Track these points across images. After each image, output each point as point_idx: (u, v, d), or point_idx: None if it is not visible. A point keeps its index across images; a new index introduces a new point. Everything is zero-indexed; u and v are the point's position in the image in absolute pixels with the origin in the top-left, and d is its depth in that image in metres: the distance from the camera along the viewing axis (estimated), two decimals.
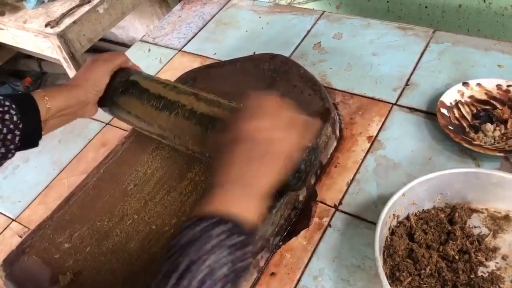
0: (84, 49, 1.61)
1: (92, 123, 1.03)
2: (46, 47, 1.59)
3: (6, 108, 0.69)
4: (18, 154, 0.93)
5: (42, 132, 0.74)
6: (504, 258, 0.68)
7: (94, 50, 2.35)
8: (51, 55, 1.62)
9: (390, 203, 0.69)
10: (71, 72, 1.63)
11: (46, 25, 1.55)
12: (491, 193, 0.72)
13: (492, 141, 0.81)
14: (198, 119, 0.74)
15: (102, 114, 1.05)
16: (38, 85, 2.65)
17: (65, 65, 1.62)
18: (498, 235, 0.70)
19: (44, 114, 0.73)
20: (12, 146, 0.70)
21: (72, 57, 1.58)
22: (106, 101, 0.83)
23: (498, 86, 0.87)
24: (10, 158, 0.72)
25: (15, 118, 0.69)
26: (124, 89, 0.82)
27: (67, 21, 1.55)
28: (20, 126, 0.70)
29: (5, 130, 0.68)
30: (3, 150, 0.69)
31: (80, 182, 0.85)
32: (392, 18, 1.41)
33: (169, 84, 0.82)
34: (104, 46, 2.55)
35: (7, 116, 0.68)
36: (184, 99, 0.77)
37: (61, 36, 1.52)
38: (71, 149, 0.99)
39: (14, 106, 0.70)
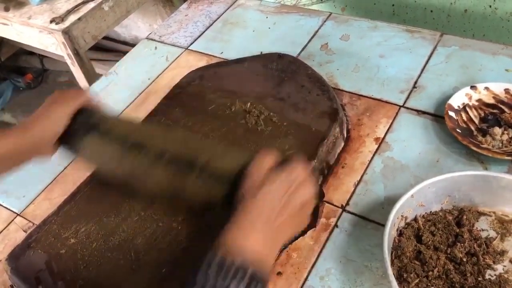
0: (88, 46, 1.61)
1: None
2: (51, 43, 1.59)
3: None
4: None
5: None
6: (511, 261, 0.68)
7: (97, 48, 2.36)
8: (55, 52, 1.62)
9: (398, 204, 0.69)
10: (75, 69, 1.63)
11: (51, 22, 1.54)
12: (499, 197, 0.72)
13: (500, 144, 0.81)
14: (165, 162, 0.68)
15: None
16: (40, 82, 2.65)
17: (69, 62, 1.62)
18: (505, 239, 0.70)
19: None
20: None
21: (76, 54, 1.58)
22: (67, 143, 0.76)
23: (506, 90, 0.87)
24: None
25: None
26: (85, 132, 0.74)
27: (72, 18, 1.54)
28: None
29: None
30: None
31: (86, 177, 0.85)
32: (397, 21, 1.41)
33: (132, 126, 0.77)
34: (107, 45, 2.55)
35: None
36: (150, 143, 0.71)
37: (66, 32, 1.52)
38: None
39: None
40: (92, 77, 1.64)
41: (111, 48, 2.58)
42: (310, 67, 0.96)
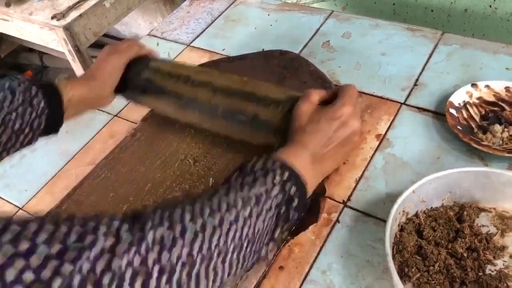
0: (89, 43, 1.62)
1: (100, 114, 1.03)
2: (52, 39, 1.59)
3: (34, 93, 0.71)
4: None
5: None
6: None
7: (98, 45, 2.36)
8: (56, 48, 1.62)
9: (400, 199, 0.69)
10: (76, 66, 1.64)
11: (52, 18, 1.55)
12: (500, 193, 0.72)
13: (501, 142, 0.82)
14: (221, 114, 0.78)
15: (111, 105, 1.06)
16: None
17: (70, 58, 1.62)
18: (506, 234, 0.71)
19: (66, 102, 0.75)
20: (38, 132, 0.73)
21: (77, 50, 1.58)
22: (125, 93, 0.86)
23: (507, 88, 0.87)
24: (33, 144, 0.75)
25: (42, 104, 0.71)
26: (141, 85, 0.84)
27: (73, 14, 1.55)
28: (46, 111, 0.72)
29: (33, 115, 0.70)
30: (30, 135, 0.71)
31: (89, 171, 0.85)
32: (398, 21, 1.42)
33: (183, 76, 0.83)
34: (108, 42, 2.55)
35: (35, 101, 0.70)
36: (202, 94, 0.80)
37: (67, 28, 1.52)
38: (78, 140, 0.99)
39: (41, 90, 0.72)
40: None
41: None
42: (312, 64, 0.96)
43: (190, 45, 1.17)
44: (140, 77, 0.84)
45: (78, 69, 1.65)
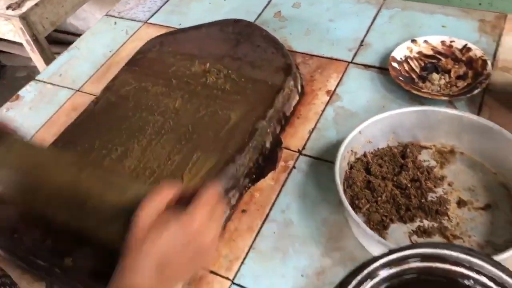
0: (47, 32, 1.62)
1: (61, 90, 1.06)
2: (8, 30, 1.59)
3: None
4: None
5: None
6: (450, 184, 0.76)
7: (56, 42, 2.35)
8: (14, 39, 1.62)
9: (348, 139, 0.76)
10: (35, 57, 1.64)
11: (7, 8, 1.55)
12: (438, 130, 0.80)
13: (438, 88, 0.89)
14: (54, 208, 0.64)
15: (72, 81, 1.08)
16: None
17: (28, 48, 1.62)
18: (445, 166, 0.78)
19: None
20: None
21: (35, 40, 1.59)
22: None
23: (443, 42, 0.95)
24: None
25: None
26: None
27: (29, 4, 1.56)
28: None
29: None
30: None
31: (55, 139, 0.88)
32: None
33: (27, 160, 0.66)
34: (67, 39, 2.54)
35: None
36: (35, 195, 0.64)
37: (24, 18, 1.53)
38: (42, 115, 1.02)
39: None
40: None
41: (70, 42, 2.57)
42: (265, 29, 1.02)
43: (147, 22, 1.21)
44: None
45: (38, 60, 1.65)
